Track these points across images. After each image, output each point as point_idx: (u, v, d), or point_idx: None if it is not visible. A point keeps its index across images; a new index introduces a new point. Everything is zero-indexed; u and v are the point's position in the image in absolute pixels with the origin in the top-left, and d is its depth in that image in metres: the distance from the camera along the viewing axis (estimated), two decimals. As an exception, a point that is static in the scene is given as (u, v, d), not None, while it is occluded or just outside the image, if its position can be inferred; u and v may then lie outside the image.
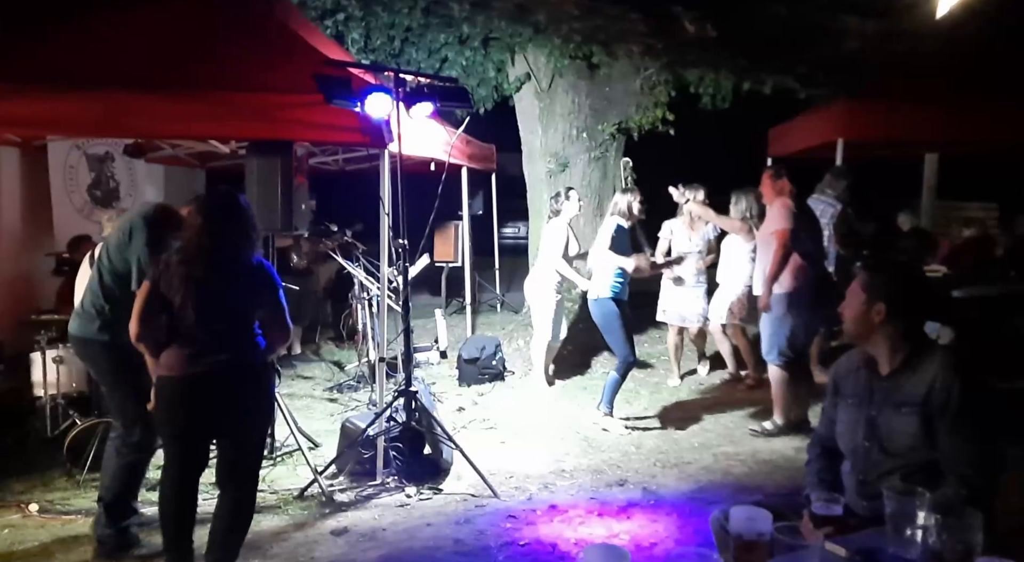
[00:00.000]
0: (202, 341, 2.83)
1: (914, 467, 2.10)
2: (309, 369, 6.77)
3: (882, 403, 2.19)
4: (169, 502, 2.96)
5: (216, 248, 2.85)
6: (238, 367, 2.89)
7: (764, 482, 4.18)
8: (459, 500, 3.99)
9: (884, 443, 2.16)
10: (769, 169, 4.85)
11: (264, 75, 4.14)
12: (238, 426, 2.95)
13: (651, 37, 5.93)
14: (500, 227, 9.87)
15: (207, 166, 6.61)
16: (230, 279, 2.88)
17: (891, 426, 2.15)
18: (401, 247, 4.21)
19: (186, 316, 2.81)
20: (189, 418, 2.89)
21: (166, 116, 4.08)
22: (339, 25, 6.35)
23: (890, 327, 2.16)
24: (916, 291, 2.25)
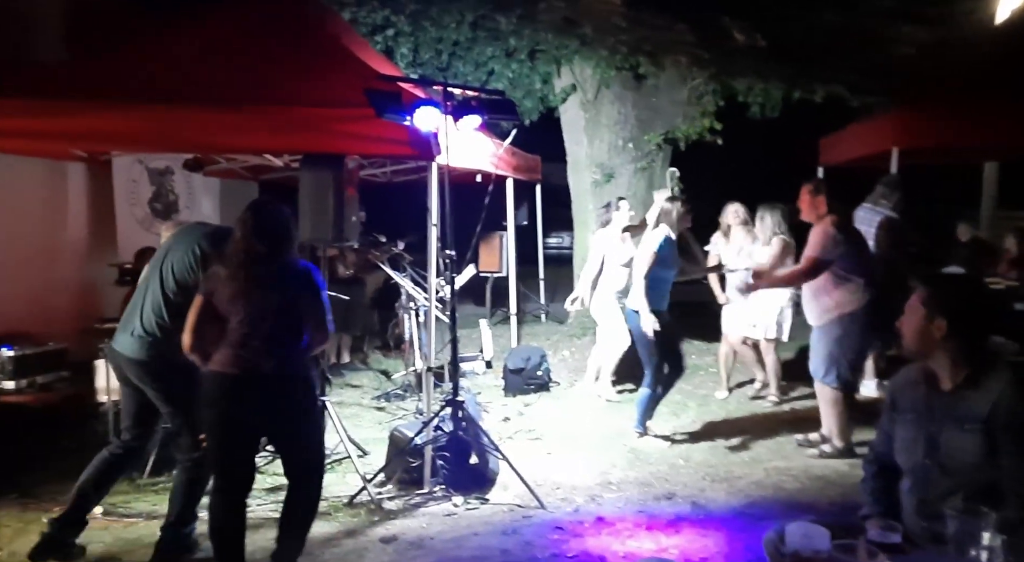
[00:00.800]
0: (249, 344, 2.95)
1: (976, 487, 2.03)
2: (357, 378, 6.87)
3: (943, 420, 2.13)
4: (218, 519, 3.04)
5: (259, 255, 2.98)
6: (283, 370, 3.00)
7: (817, 499, 4.08)
8: (505, 510, 3.99)
9: (945, 461, 2.11)
10: (808, 184, 4.64)
11: (318, 90, 4.24)
12: (286, 428, 3.06)
13: (699, 47, 5.91)
14: (545, 237, 9.87)
15: (260, 179, 6.78)
16: (274, 283, 3.00)
17: (952, 444, 2.09)
18: (448, 258, 4.25)
19: (235, 321, 2.95)
20: (232, 415, 2.98)
21: (224, 131, 4.21)
22: (388, 40, 6.49)
23: (952, 343, 2.11)
24: (979, 305, 2.19)
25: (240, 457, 3.07)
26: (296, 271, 3.06)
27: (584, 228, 7.72)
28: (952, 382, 2.13)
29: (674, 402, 5.95)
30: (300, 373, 3.10)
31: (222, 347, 2.98)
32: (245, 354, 2.94)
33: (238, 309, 2.96)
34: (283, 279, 3.02)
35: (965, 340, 2.11)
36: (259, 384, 2.97)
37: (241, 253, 2.99)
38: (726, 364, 6.18)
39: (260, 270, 2.98)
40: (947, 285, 2.26)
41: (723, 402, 6.04)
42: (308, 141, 4.22)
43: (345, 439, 4.43)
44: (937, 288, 2.21)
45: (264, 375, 2.96)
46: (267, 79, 4.27)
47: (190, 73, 4.27)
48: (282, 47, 4.48)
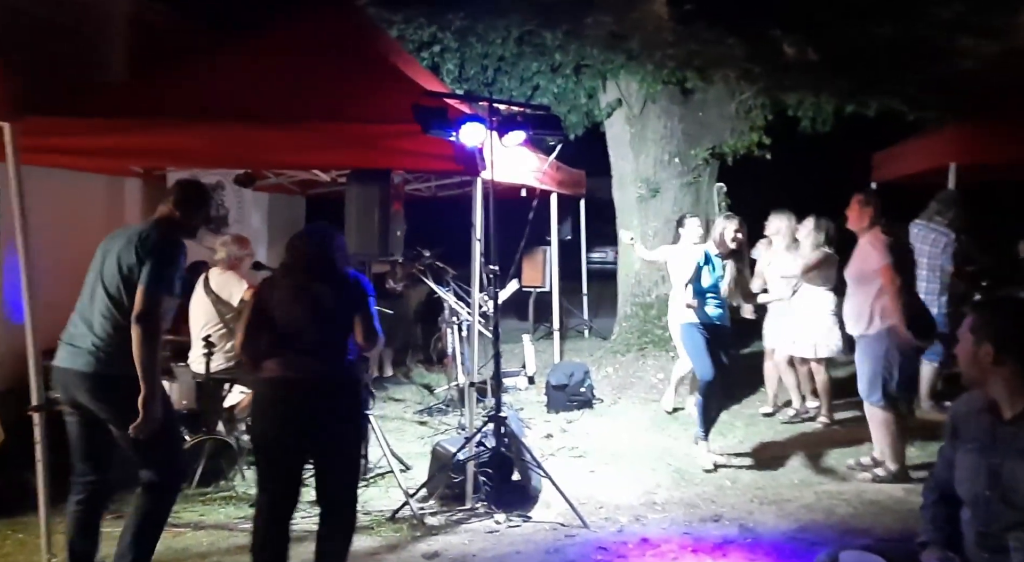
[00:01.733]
0: (300, 349, 3.01)
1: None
2: (400, 391, 6.91)
3: (1006, 451, 2.04)
4: (262, 532, 3.03)
5: (315, 262, 3.08)
6: (332, 378, 3.06)
7: (872, 525, 3.93)
8: (548, 529, 3.95)
9: (1008, 493, 2.02)
10: (859, 194, 4.52)
11: (366, 107, 4.30)
12: (332, 439, 3.05)
13: (748, 61, 5.83)
14: (588, 252, 9.84)
15: (307, 193, 6.91)
16: (327, 290, 3.07)
17: (1016, 476, 2.00)
18: (492, 273, 4.25)
19: (288, 327, 3.02)
20: (283, 422, 3.00)
21: (274, 147, 4.26)
22: (435, 56, 6.56)
23: (1006, 369, 2.02)
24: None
25: (290, 467, 3.07)
26: (347, 279, 3.16)
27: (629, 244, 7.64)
28: (1012, 410, 2.05)
29: (721, 422, 5.81)
30: (352, 379, 3.17)
31: (275, 353, 3.03)
32: (299, 359, 3.00)
33: (292, 314, 3.03)
34: (335, 286, 3.10)
35: (1020, 366, 2.02)
36: (312, 388, 3.01)
37: (299, 260, 3.10)
38: (771, 381, 6.04)
39: (315, 276, 3.07)
40: (994, 309, 2.18)
41: (771, 422, 5.89)
42: (356, 157, 4.27)
43: (388, 453, 4.44)
44: (983, 313, 2.15)
45: (317, 379, 3.02)
46: (317, 96, 4.34)
47: (242, 91, 4.37)
48: (331, 65, 4.56)
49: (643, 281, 7.46)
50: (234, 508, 4.12)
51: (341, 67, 4.56)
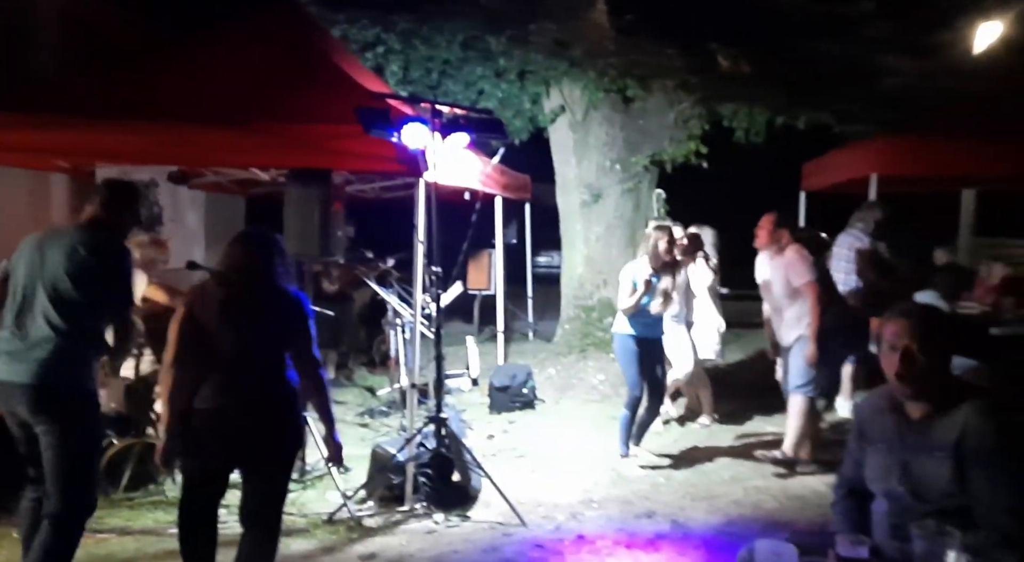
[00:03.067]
0: (236, 372, 2.86)
1: (948, 512, 2.04)
2: (341, 394, 6.85)
3: (915, 448, 2.14)
4: (188, 530, 2.96)
5: (254, 278, 2.90)
6: (268, 403, 2.91)
7: (795, 518, 4.11)
8: (487, 528, 3.99)
9: (917, 488, 2.12)
10: (771, 215, 4.76)
11: (307, 106, 4.28)
12: (266, 460, 2.93)
13: (686, 72, 6.01)
14: (534, 256, 9.93)
15: (247, 193, 6.81)
16: (265, 309, 2.92)
17: (924, 471, 2.10)
18: (435, 274, 4.28)
19: (223, 349, 2.84)
20: (219, 449, 2.87)
21: (212, 146, 4.23)
22: (379, 58, 6.55)
23: (919, 370, 2.12)
24: (943, 333, 2.22)
25: (217, 477, 2.96)
26: (287, 297, 2.99)
27: (572, 248, 7.77)
28: (920, 410, 2.15)
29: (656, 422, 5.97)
30: (290, 403, 2.97)
31: (204, 374, 2.85)
32: (233, 383, 2.85)
33: (226, 334, 2.85)
34: (275, 305, 2.95)
35: (929, 366, 2.12)
36: (246, 414, 2.85)
37: (236, 273, 2.90)
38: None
39: (253, 293, 2.90)
40: (912, 314, 2.29)
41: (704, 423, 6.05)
42: (296, 157, 4.25)
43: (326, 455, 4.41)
44: (902, 317, 2.22)
45: (252, 405, 2.87)
46: (257, 95, 4.30)
47: (180, 89, 4.31)
48: (272, 64, 4.53)
49: (585, 284, 7.59)
50: (163, 513, 4.00)
51: (282, 66, 4.53)
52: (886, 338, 2.19)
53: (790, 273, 4.60)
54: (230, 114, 4.18)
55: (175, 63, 4.59)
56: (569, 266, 7.78)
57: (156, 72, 4.50)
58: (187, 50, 4.73)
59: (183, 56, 4.66)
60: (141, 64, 4.62)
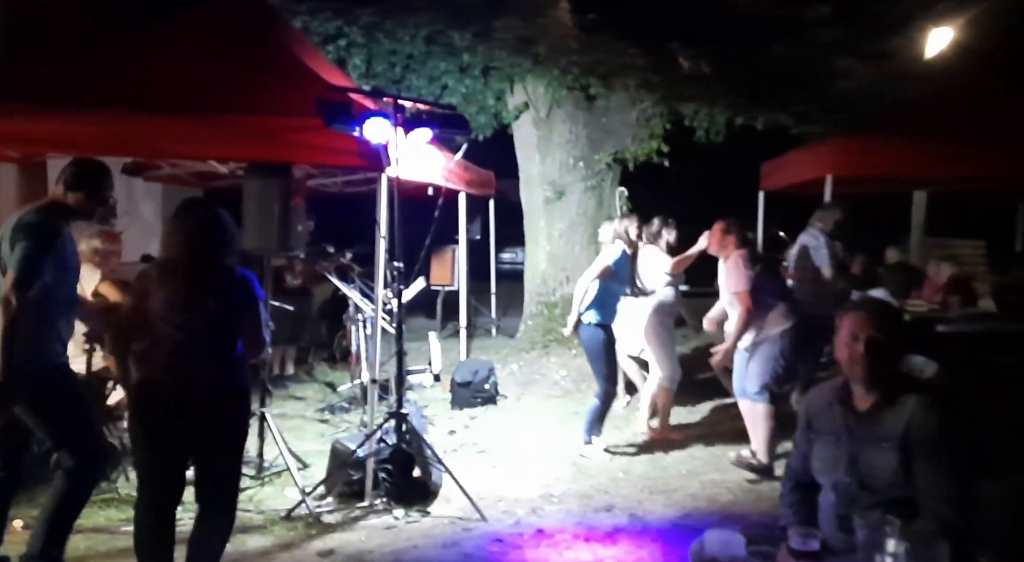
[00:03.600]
0: (185, 353, 2.83)
1: (894, 502, 2.11)
2: (302, 390, 6.79)
3: (862, 439, 2.20)
4: (144, 531, 2.91)
5: (198, 259, 2.85)
6: (219, 380, 2.90)
7: (749, 510, 4.20)
8: (447, 523, 4.00)
9: (864, 479, 2.18)
10: (721, 222, 4.83)
11: (266, 99, 4.22)
12: (212, 444, 2.92)
13: (648, 72, 6.07)
14: (498, 252, 9.94)
15: (206, 186, 6.69)
16: (214, 290, 2.87)
17: (871, 462, 2.17)
18: (396, 269, 4.26)
19: (169, 329, 2.81)
20: (164, 427, 2.84)
21: (169, 137, 4.15)
22: (341, 51, 6.48)
23: (870, 363, 2.20)
24: (895, 328, 2.29)
25: (171, 466, 2.93)
26: (235, 278, 2.95)
27: (535, 244, 7.80)
28: (869, 402, 2.22)
29: (617, 416, 6.03)
30: (237, 385, 2.97)
31: (153, 355, 2.83)
32: (180, 363, 2.83)
33: (174, 316, 2.81)
34: (222, 285, 2.91)
35: (882, 361, 2.20)
36: (194, 395, 2.85)
37: (179, 256, 2.85)
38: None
39: (199, 275, 2.85)
40: (866, 308, 2.37)
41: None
42: (256, 150, 4.19)
43: (285, 451, 4.37)
44: (858, 311, 2.31)
45: (200, 385, 2.86)
46: (215, 86, 4.23)
47: (137, 79, 4.22)
48: (231, 55, 4.45)
49: (548, 281, 7.62)
50: (115, 510, 3.93)
51: (240, 56, 4.45)
52: (846, 329, 2.26)
53: (728, 280, 4.66)
54: (186, 104, 4.11)
55: (129, 51, 4.48)
56: (532, 262, 7.81)
57: (109, 60, 4.39)
58: (142, 38, 4.61)
59: (138, 44, 4.55)
60: (94, 51, 4.49)
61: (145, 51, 4.46)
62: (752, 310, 4.54)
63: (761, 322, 4.60)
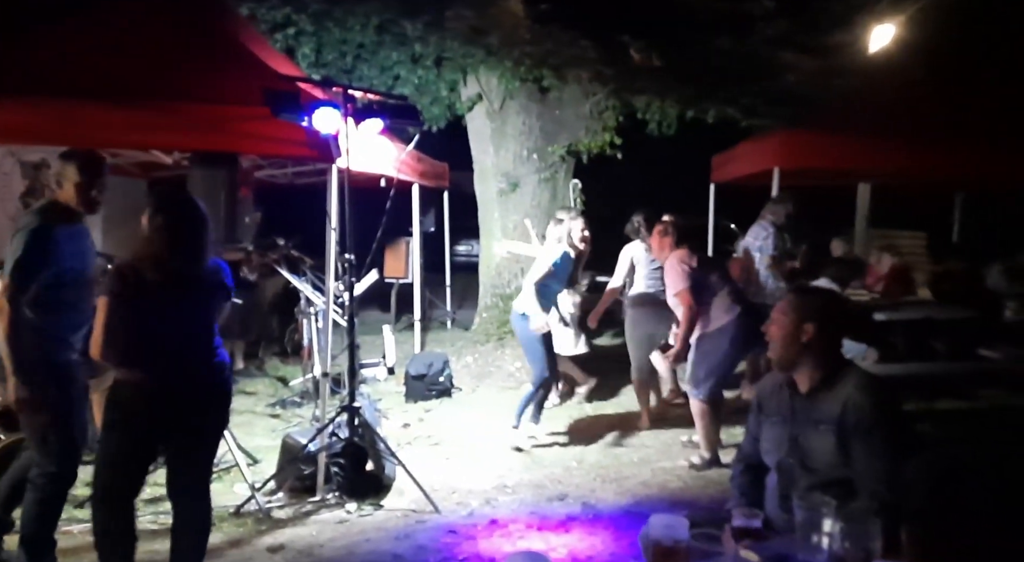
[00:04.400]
0: (167, 350, 2.79)
1: (832, 483, 2.17)
2: (252, 384, 6.67)
3: (803, 422, 2.27)
4: (105, 528, 2.83)
5: (183, 251, 2.79)
6: (202, 375, 2.88)
7: (698, 496, 4.28)
8: (400, 516, 3.99)
9: (805, 460, 2.25)
10: (659, 225, 4.91)
11: (210, 86, 4.13)
12: (200, 433, 2.92)
13: (600, 64, 6.09)
14: (453, 245, 9.91)
15: (150, 176, 6.51)
16: (193, 284, 2.84)
17: (811, 444, 2.24)
18: (347, 262, 4.22)
19: (150, 325, 2.75)
20: (148, 428, 2.80)
21: (109, 125, 4.04)
22: (289, 39, 6.35)
23: (814, 347, 2.26)
24: (840, 313, 2.37)
25: (138, 461, 2.86)
26: (215, 270, 2.92)
27: (489, 236, 7.78)
28: (810, 384, 2.29)
29: (570, 405, 6.10)
30: (223, 374, 2.97)
31: (136, 354, 2.75)
32: (160, 361, 2.77)
33: (161, 311, 2.76)
34: (200, 279, 2.87)
35: (825, 345, 2.27)
36: (175, 394, 2.78)
37: (167, 248, 2.75)
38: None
39: (187, 267, 2.79)
40: (812, 293, 2.44)
41: (617, 404, 6.21)
42: (200, 139, 4.11)
43: (234, 447, 4.30)
44: (805, 296, 2.40)
45: (179, 383, 2.80)
46: (158, 74, 4.13)
47: (76, 65, 4.08)
48: (175, 41, 4.34)
49: (503, 273, 7.62)
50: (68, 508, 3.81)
51: (186, 44, 4.36)
52: (782, 313, 2.33)
53: (668, 281, 4.72)
54: (128, 92, 4.00)
55: (67, 36, 4.33)
56: (487, 255, 7.79)
57: (46, 45, 4.24)
58: (82, 22, 4.46)
59: (76, 28, 4.39)
60: (29, 36, 4.33)
61: (82, 36, 4.31)
62: (694, 306, 4.59)
63: (706, 317, 4.65)
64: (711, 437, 4.72)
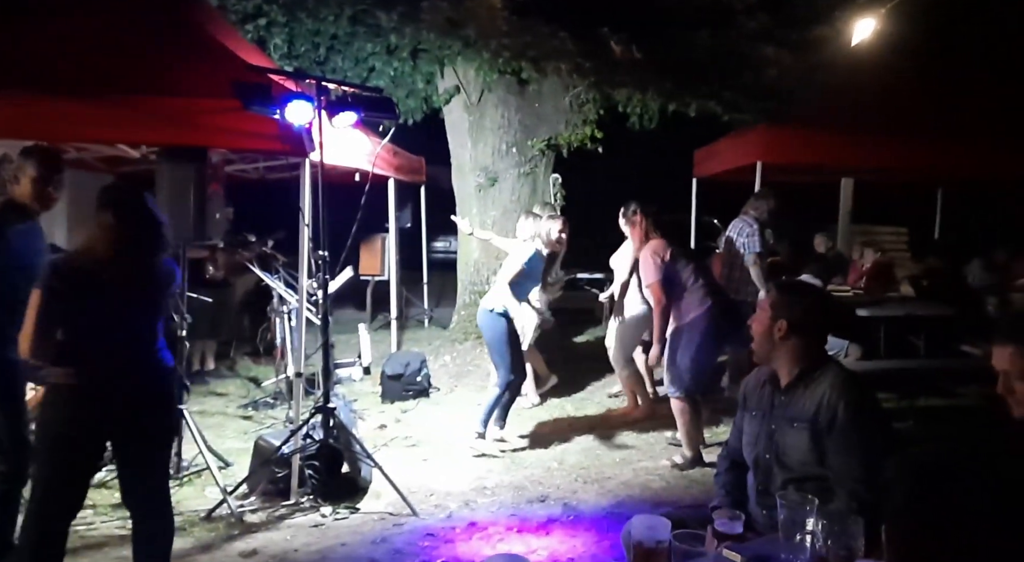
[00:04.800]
0: (103, 350, 2.65)
1: (807, 479, 2.15)
2: (223, 385, 6.52)
3: (781, 418, 2.25)
4: (35, 545, 2.67)
5: (128, 250, 2.66)
6: (140, 378, 2.74)
7: (681, 495, 4.22)
8: (376, 519, 3.89)
9: (780, 456, 2.23)
10: (636, 215, 4.79)
11: (179, 78, 4.01)
12: (143, 444, 2.77)
13: (580, 56, 6.00)
14: (431, 241, 9.78)
15: (116, 171, 6.32)
16: (136, 284, 2.71)
17: (786, 440, 2.21)
18: (321, 259, 4.10)
19: (86, 323, 2.63)
20: (84, 443, 2.66)
21: (74, 119, 3.93)
22: (261, 30, 6.19)
23: (790, 343, 2.23)
24: (817, 310, 2.32)
25: (80, 474, 2.73)
26: (163, 268, 2.81)
27: (468, 232, 7.67)
28: (787, 380, 2.26)
29: (550, 405, 6.03)
30: (168, 378, 2.86)
31: (74, 354, 2.62)
32: (99, 363, 2.64)
33: (99, 310, 2.63)
34: (149, 279, 2.75)
35: (802, 341, 2.23)
36: (123, 393, 2.65)
37: (112, 245, 2.63)
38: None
39: (132, 266, 2.67)
40: (791, 290, 2.39)
41: (598, 404, 6.14)
42: (169, 133, 3.98)
43: (204, 450, 4.17)
44: (783, 292, 2.34)
45: (129, 383, 2.68)
46: (125, 66, 4.00)
47: (40, 57, 3.95)
48: (141, 32, 4.20)
49: (481, 270, 7.52)
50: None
51: (153, 35, 4.22)
52: (761, 305, 2.33)
53: (641, 272, 4.65)
54: (94, 84, 3.86)
55: (29, 27, 4.16)
56: (465, 251, 7.69)
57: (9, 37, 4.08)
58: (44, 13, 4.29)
59: (38, 19, 4.23)
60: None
61: (45, 27, 4.16)
62: (664, 301, 4.50)
63: (679, 311, 4.57)
64: (693, 435, 4.64)
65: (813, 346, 2.27)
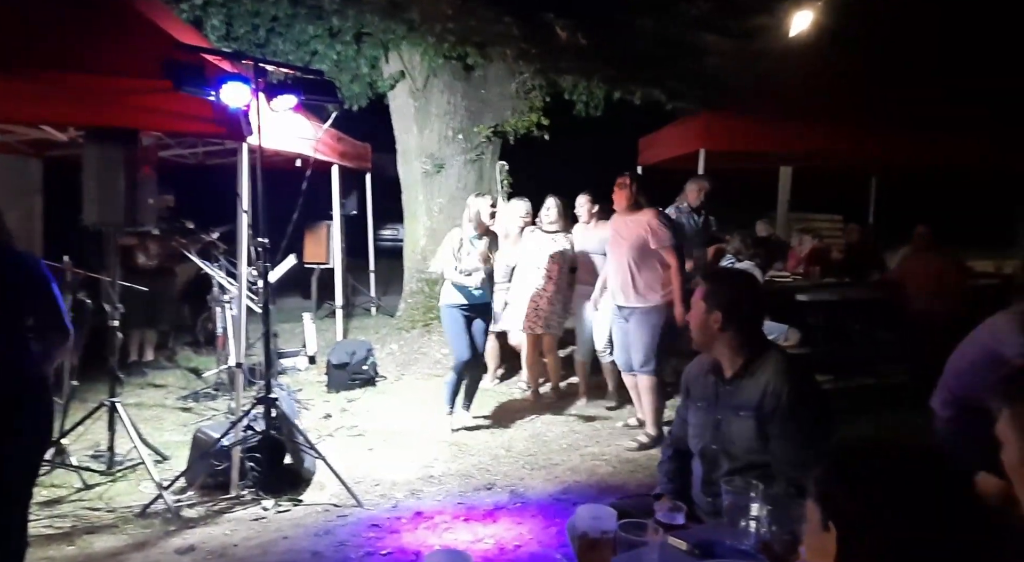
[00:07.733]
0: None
1: (754, 467, 2.16)
2: (162, 377, 6.31)
3: (725, 407, 2.25)
4: None
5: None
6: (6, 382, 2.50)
7: (626, 481, 4.26)
8: (320, 511, 3.82)
9: (726, 446, 2.24)
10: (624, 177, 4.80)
11: (106, 56, 3.81)
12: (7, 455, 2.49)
13: (525, 42, 5.97)
14: (377, 229, 9.64)
15: (44, 155, 6.04)
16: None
17: (732, 429, 2.22)
18: (261, 246, 3.98)
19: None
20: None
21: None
22: (197, 10, 5.97)
23: (728, 333, 2.24)
24: (750, 298, 2.33)
25: None
26: (13, 259, 2.58)
27: (414, 219, 7.59)
28: (732, 371, 2.26)
29: (499, 392, 6.02)
30: (24, 386, 2.54)
31: None
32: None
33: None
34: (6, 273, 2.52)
35: (739, 331, 2.24)
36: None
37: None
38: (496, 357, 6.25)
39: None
40: (723, 280, 2.40)
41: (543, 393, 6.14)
42: (95, 113, 3.79)
43: (139, 443, 4.03)
44: (713, 283, 2.35)
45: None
46: (47, 40, 3.77)
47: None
48: (65, 6, 3.97)
49: (428, 257, 7.41)
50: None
51: (77, 9, 3.99)
52: (693, 298, 2.33)
53: (651, 236, 4.61)
54: (12, 61, 3.63)
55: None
56: (411, 238, 7.61)
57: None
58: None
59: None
60: None
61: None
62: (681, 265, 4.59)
63: (650, 286, 4.62)
64: (658, 414, 4.72)
65: (751, 333, 2.29)
